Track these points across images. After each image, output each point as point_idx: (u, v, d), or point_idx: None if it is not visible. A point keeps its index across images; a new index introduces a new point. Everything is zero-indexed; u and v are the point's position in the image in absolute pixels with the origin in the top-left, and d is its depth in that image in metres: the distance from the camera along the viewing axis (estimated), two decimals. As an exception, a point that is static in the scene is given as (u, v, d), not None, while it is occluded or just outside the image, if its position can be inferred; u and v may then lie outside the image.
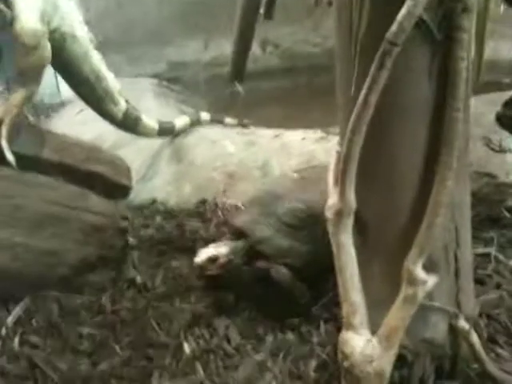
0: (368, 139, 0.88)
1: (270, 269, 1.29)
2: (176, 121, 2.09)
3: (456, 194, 0.96)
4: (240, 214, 1.44)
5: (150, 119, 1.92)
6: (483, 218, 1.58)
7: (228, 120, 2.25)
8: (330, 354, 1.15)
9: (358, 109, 0.86)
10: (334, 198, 0.96)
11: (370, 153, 0.91)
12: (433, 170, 0.91)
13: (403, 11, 0.82)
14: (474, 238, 1.09)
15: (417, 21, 0.83)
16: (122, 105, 1.74)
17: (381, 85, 0.84)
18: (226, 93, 3.12)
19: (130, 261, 1.55)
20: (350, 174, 0.91)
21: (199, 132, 2.16)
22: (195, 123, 2.17)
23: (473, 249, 1.11)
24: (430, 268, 0.93)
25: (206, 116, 2.22)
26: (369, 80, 0.84)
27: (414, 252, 0.92)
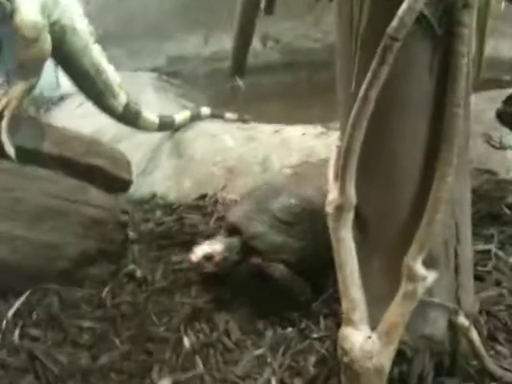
0: (368, 134, 0.88)
1: (267, 268, 1.29)
2: (176, 115, 2.09)
3: (456, 191, 0.96)
4: (234, 210, 1.43)
5: (151, 113, 1.91)
6: (483, 214, 1.58)
7: (228, 115, 2.25)
8: (330, 350, 1.15)
9: (359, 104, 0.86)
10: (334, 193, 0.95)
11: (371, 148, 0.91)
12: (433, 166, 0.90)
13: (404, 6, 0.81)
14: (474, 235, 1.09)
15: (418, 16, 0.83)
16: (122, 98, 1.74)
17: (381, 80, 0.83)
18: (226, 87, 3.11)
19: (129, 255, 1.55)
20: (351, 169, 0.91)
21: (199, 126, 2.15)
22: (195, 118, 2.17)
23: (473, 245, 1.11)
24: (429, 264, 0.93)
25: (206, 111, 2.21)
26: (369, 75, 0.84)
27: (413, 248, 0.92)
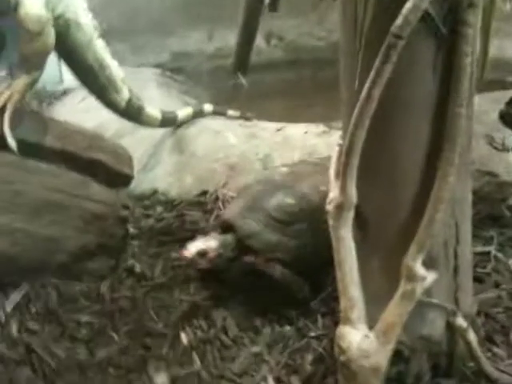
0: (371, 133, 0.88)
1: (266, 267, 1.29)
2: (179, 111, 2.09)
3: (457, 191, 0.96)
4: (229, 208, 1.42)
5: (153, 109, 1.91)
6: (484, 216, 1.58)
7: (230, 112, 2.24)
8: (327, 348, 1.15)
9: (362, 102, 0.85)
10: (335, 191, 0.95)
11: (373, 147, 0.91)
12: (434, 166, 0.90)
13: (409, 4, 0.81)
14: (474, 237, 1.09)
15: (422, 14, 0.82)
16: (125, 94, 1.74)
17: (385, 78, 0.83)
18: (229, 85, 3.11)
19: (129, 250, 1.55)
20: (352, 167, 0.91)
21: (202, 123, 2.15)
22: (198, 114, 2.17)
23: (473, 247, 1.11)
24: (429, 264, 0.93)
25: (208, 107, 2.21)
26: (373, 73, 0.83)
27: (413, 248, 0.91)
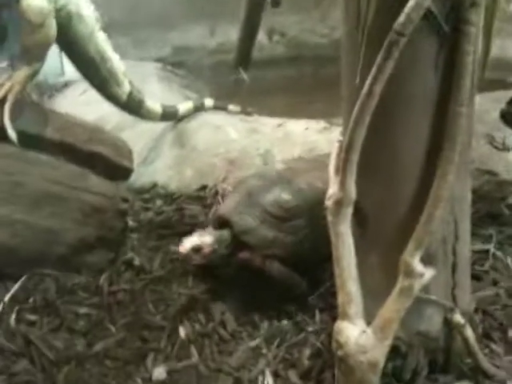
0: (371, 130, 0.88)
1: (263, 264, 1.28)
2: (179, 105, 2.09)
3: (457, 189, 0.96)
4: (225, 203, 1.41)
5: (154, 103, 1.91)
6: (483, 214, 1.58)
7: (231, 107, 2.25)
8: (325, 343, 1.15)
9: (363, 98, 0.85)
10: (334, 187, 0.95)
11: (373, 143, 0.91)
12: (434, 164, 0.90)
13: (411, 2, 0.81)
14: (472, 235, 1.09)
15: (425, 12, 0.82)
16: (126, 87, 1.74)
17: (386, 75, 0.83)
18: (230, 80, 3.11)
19: (128, 243, 1.55)
20: (352, 163, 0.91)
21: (202, 117, 2.15)
22: (198, 109, 2.17)
23: (471, 245, 1.11)
24: (427, 261, 0.93)
25: (209, 102, 2.21)
26: (374, 70, 0.83)
27: (412, 244, 0.92)
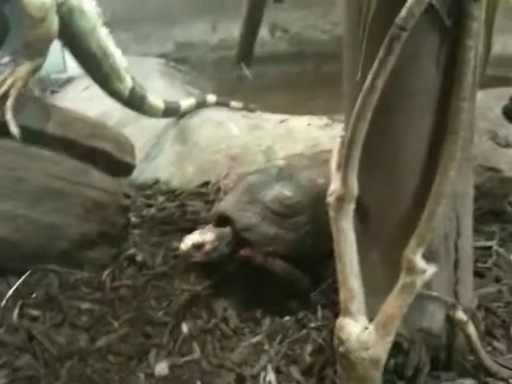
0: (373, 125, 0.88)
1: (265, 263, 1.28)
2: (182, 101, 2.08)
3: (459, 185, 0.96)
4: (225, 200, 1.40)
5: (156, 99, 1.91)
6: (485, 211, 1.58)
7: (234, 103, 2.24)
8: (327, 339, 1.15)
9: (364, 93, 0.85)
10: (336, 183, 0.95)
11: (375, 139, 0.90)
12: (436, 159, 0.90)
13: (413, -4, 0.81)
14: (475, 232, 1.09)
15: (426, 7, 0.82)
16: (129, 82, 1.73)
17: (388, 70, 0.83)
18: (232, 76, 3.10)
19: (131, 239, 1.55)
20: (354, 159, 0.91)
21: (204, 114, 2.15)
22: (201, 105, 2.16)
23: (474, 242, 1.11)
24: (429, 257, 0.93)
25: (211, 98, 2.21)
26: (376, 64, 0.83)
27: (414, 241, 0.91)
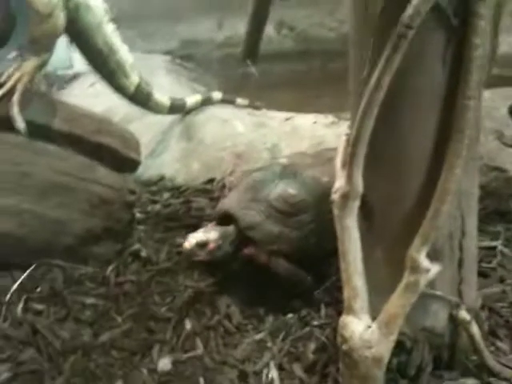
0: (378, 123, 0.88)
1: (269, 263, 1.28)
2: (187, 98, 2.09)
3: (464, 183, 0.95)
4: (229, 198, 1.40)
5: (162, 95, 1.91)
6: (491, 211, 1.57)
7: (239, 100, 2.24)
8: (330, 337, 1.15)
9: (370, 91, 0.85)
10: (341, 180, 0.95)
11: (380, 137, 0.90)
12: (442, 158, 0.89)
13: (420, -5, 0.80)
14: (480, 232, 1.09)
15: (433, 5, 0.81)
16: (135, 79, 1.74)
17: (394, 68, 0.82)
18: (238, 73, 3.10)
19: (135, 235, 1.56)
20: (359, 157, 0.90)
21: (210, 111, 2.15)
22: (206, 102, 2.17)
23: (479, 242, 1.10)
24: (433, 256, 0.92)
25: (217, 95, 2.21)
26: (382, 62, 0.83)
27: (418, 239, 0.91)
